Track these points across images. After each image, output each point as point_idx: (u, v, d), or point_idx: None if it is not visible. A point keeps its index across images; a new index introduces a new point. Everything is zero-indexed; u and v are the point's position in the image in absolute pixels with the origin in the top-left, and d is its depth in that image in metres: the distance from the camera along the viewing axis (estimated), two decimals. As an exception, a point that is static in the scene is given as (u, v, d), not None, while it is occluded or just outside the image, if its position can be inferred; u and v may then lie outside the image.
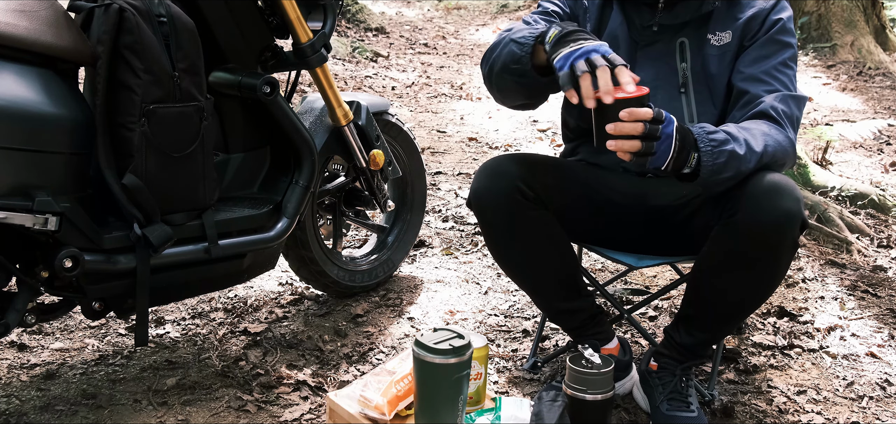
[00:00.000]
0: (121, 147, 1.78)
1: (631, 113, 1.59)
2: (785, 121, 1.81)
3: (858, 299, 2.77)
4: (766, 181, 1.71)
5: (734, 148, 1.69)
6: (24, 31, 1.67)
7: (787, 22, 1.89)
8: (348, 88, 5.64)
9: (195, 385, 2.07)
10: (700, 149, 1.67)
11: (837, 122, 5.41)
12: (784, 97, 1.83)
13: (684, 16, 1.89)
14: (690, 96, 1.91)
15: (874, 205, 3.61)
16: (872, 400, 2.15)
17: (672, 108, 1.91)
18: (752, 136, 1.73)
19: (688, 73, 1.90)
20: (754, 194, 1.70)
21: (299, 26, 2.15)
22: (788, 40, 1.88)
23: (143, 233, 1.80)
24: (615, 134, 1.59)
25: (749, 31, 1.89)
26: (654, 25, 1.91)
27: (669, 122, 1.64)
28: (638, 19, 1.93)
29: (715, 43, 1.90)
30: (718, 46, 1.90)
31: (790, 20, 1.90)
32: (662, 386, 1.93)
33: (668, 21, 1.90)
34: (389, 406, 1.67)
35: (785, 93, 1.83)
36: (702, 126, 1.71)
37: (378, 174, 2.46)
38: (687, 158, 1.67)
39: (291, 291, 2.66)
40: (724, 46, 1.90)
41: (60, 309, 1.93)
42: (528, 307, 2.59)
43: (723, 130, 1.72)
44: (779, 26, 1.88)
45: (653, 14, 1.91)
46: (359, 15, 8.10)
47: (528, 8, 10.10)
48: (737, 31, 1.89)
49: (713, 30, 1.90)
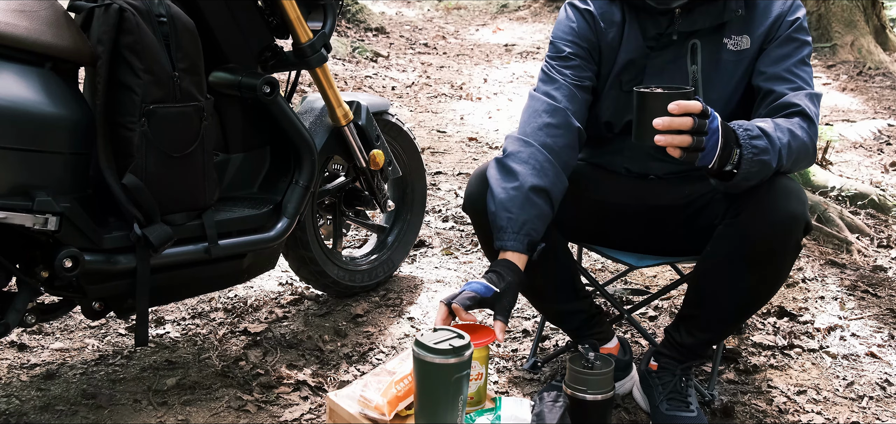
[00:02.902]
0: (121, 147, 1.78)
1: (680, 106, 1.54)
2: (816, 119, 1.79)
3: (858, 299, 2.77)
4: (771, 183, 1.70)
5: (769, 160, 1.66)
6: (24, 31, 1.67)
7: (802, 20, 1.87)
8: (348, 88, 5.64)
9: (195, 385, 2.07)
10: (743, 150, 1.63)
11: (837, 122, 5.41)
12: (810, 95, 1.80)
13: (703, 22, 1.84)
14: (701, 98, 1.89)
15: (874, 205, 3.61)
16: (872, 400, 2.15)
17: None
18: (785, 145, 1.69)
19: (698, 75, 1.88)
20: (760, 195, 1.70)
21: (299, 26, 2.15)
22: (805, 38, 1.87)
23: (143, 233, 1.80)
24: (664, 129, 1.55)
25: (769, 35, 1.86)
26: (674, 34, 1.86)
27: (714, 117, 1.61)
28: (654, 28, 1.88)
29: (731, 47, 1.87)
30: (735, 51, 1.86)
31: (805, 19, 1.89)
32: (662, 386, 1.93)
33: (686, 28, 1.86)
34: (389, 407, 1.67)
35: (809, 90, 1.81)
36: (740, 125, 1.67)
37: (378, 174, 2.46)
38: (730, 155, 1.62)
39: (291, 291, 2.66)
40: (742, 51, 1.86)
41: (60, 309, 1.93)
42: (528, 307, 2.59)
43: (763, 133, 1.67)
44: (796, 25, 1.86)
45: (670, 22, 1.86)
46: (359, 15, 8.10)
47: (527, 7, 10.10)
48: (757, 38, 1.86)
49: (729, 33, 1.86)
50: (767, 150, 1.65)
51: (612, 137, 1.98)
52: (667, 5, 1.83)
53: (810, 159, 1.82)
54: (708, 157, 1.60)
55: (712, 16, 1.83)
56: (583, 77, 1.92)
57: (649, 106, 1.58)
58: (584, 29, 1.94)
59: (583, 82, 1.92)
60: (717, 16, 1.83)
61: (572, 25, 1.95)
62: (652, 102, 1.58)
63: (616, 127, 1.96)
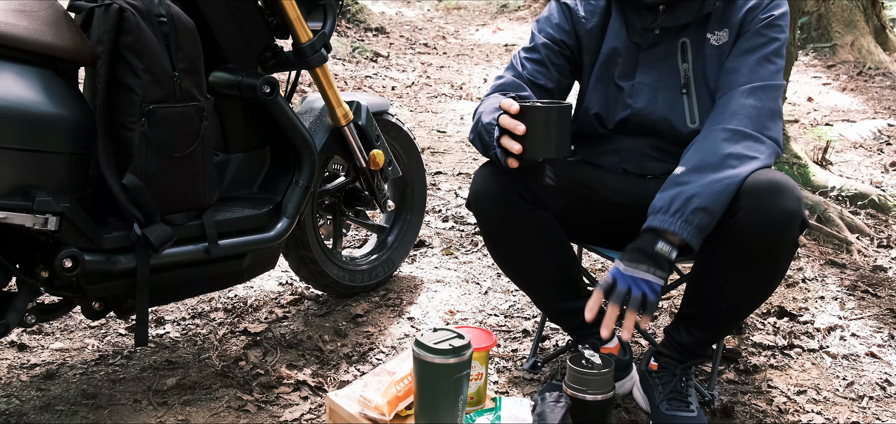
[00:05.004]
0: (121, 147, 1.78)
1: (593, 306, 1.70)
2: (754, 114, 1.77)
3: (858, 299, 2.77)
4: (766, 181, 1.71)
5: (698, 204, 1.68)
6: (24, 32, 1.67)
7: (777, 18, 1.86)
8: (348, 88, 5.64)
9: (195, 385, 2.07)
10: (665, 231, 1.68)
11: (837, 122, 5.42)
12: (754, 90, 1.79)
13: (685, 17, 1.88)
14: (693, 97, 1.90)
15: (874, 205, 3.61)
16: (872, 400, 2.15)
17: (674, 109, 1.91)
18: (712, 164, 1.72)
19: (690, 73, 1.90)
20: (755, 193, 1.70)
21: (299, 26, 2.15)
22: (774, 35, 1.85)
23: (143, 233, 1.80)
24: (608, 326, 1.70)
25: (743, 27, 1.87)
26: (656, 28, 1.90)
27: (614, 275, 1.69)
28: (639, 23, 1.92)
29: (714, 42, 1.89)
30: (717, 46, 1.89)
31: (783, 16, 1.88)
32: (662, 386, 1.93)
33: (669, 23, 1.89)
34: (389, 407, 1.67)
35: (756, 84, 1.80)
36: (652, 208, 1.73)
37: (378, 174, 2.46)
38: (660, 254, 1.68)
39: (291, 291, 2.66)
40: (722, 46, 1.89)
41: (60, 309, 1.93)
42: (528, 307, 2.59)
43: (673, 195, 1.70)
44: (767, 21, 1.85)
45: (654, 17, 1.90)
46: (359, 15, 8.10)
47: (527, 7, 10.10)
48: (733, 28, 1.88)
49: (712, 29, 1.89)
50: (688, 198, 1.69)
51: (606, 134, 1.99)
52: (653, 0, 1.86)
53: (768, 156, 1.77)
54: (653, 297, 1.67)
55: (693, 11, 1.87)
56: (543, 74, 1.98)
57: (528, 119, 1.66)
58: (560, 21, 2.01)
59: (537, 81, 1.98)
60: (697, 10, 1.87)
61: (549, 18, 2.03)
62: (532, 114, 1.67)
63: (607, 122, 1.98)
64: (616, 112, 1.97)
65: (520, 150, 1.67)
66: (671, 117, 1.91)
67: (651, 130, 1.94)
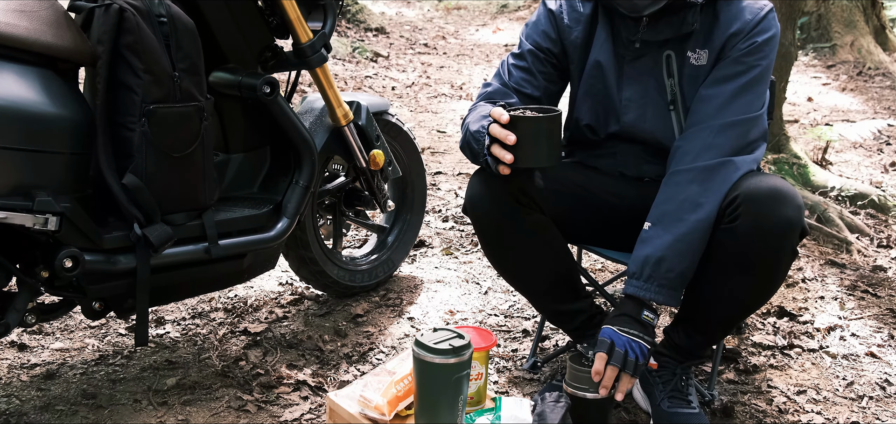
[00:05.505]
0: (121, 147, 1.78)
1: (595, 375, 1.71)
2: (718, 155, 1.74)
3: (858, 299, 2.78)
4: (767, 187, 1.70)
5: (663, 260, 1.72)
6: (24, 32, 1.67)
7: (761, 44, 1.78)
8: (348, 88, 5.64)
9: (195, 385, 2.07)
10: (644, 300, 1.73)
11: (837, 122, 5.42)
12: (724, 128, 1.75)
13: (667, 32, 1.82)
14: (680, 113, 1.87)
15: (874, 205, 3.61)
16: (872, 400, 2.15)
17: (662, 125, 1.89)
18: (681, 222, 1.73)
19: (676, 88, 1.87)
20: (756, 199, 1.69)
21: (299, 26, 2.15)
22: (755, 61, 1.78)
23: (143, 233, 1.80)
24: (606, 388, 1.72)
25: (723, 52, 1.81)
26: (637, 42, 1.86)
27: (606, 335, 1.72)
28: (624, 32, 1.88)
29: (694, 61, 1.84)
30: (696, 65, 1.84)
31: (768, 42, 1.79)
32: (663, 384, 1.93)
33: (650, 37, 1.84)
34: (389, 407, 1.67)
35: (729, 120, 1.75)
36: (629, 269, 1.77)
37: (378, 174, 2.46)
38: (646, 321, 1.74)
39: (291, 291, 2.66)
40: (700, 67, 1.83)
41: (60, 309, 1.93)
42: (528, 307, 2.59)
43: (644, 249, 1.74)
44: (748, 49, 1.78)
45: (636, 29, 1.85)
46: (359, 15, 8.10)
47: (527, 7, 10.10)
48: (714, 51, 1.82)
49: (693, 47, 1.84)
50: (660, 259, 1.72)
51: (600, 140, 1.99)
52: (637, 13, 1.81)
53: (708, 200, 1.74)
54: (644, 350, 1.72)
55: (672, 27, 1.81)
56: (529, 82, 1.96)
57: (519, 129, 1.67)
58: (546, 28, 1.98)
59: (523, 89, 1.96)
60: (676, 27, 1.81)
61: (537, 23, 2.00)
62: (523, 124, 1.67)
63: (599, 132, 1.98)
64: (607, 125, 1.96)
65: (511, 159, 1.68)
66: (660, 134, 1.89)
67: (642, 141, 1.94)
